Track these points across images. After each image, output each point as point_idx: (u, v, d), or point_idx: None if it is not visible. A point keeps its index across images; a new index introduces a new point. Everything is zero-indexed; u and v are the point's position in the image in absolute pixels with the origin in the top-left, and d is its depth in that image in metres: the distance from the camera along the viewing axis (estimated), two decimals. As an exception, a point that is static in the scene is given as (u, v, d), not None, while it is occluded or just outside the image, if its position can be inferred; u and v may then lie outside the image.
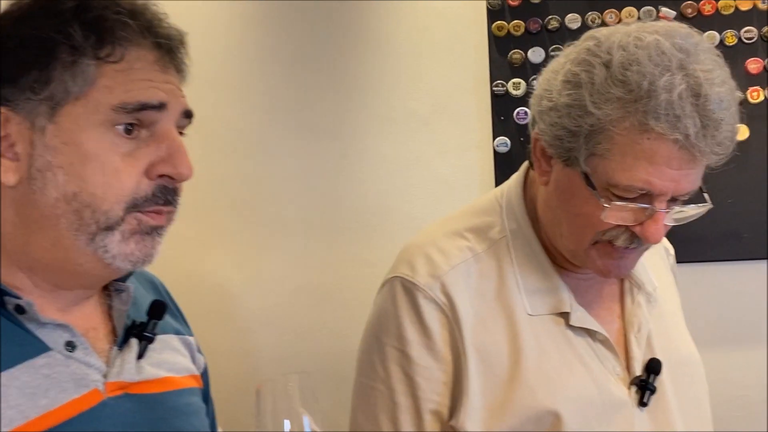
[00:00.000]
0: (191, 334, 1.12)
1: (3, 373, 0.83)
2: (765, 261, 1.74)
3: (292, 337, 1.89)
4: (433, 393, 1.11)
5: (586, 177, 1.04)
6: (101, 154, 0.86)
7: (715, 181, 1.70)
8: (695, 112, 0.97)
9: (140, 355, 0.96)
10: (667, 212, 1.03)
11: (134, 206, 0.88)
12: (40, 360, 0.86)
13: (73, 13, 0.87)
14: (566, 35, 1.77)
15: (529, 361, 1.11)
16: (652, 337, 1.18)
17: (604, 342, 1.14)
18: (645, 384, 1.13)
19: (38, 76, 0.85)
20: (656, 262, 1.27)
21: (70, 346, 0.89)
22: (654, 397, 1.13)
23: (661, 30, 1.02)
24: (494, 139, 1.80)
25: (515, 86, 1.79)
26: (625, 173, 1.01)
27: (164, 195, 0.90)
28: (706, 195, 1.10)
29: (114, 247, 0.88)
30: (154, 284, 1.12)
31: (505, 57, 1.80)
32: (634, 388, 1.13)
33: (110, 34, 0.87)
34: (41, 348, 0.87)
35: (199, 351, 1.14)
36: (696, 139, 0.98)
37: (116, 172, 0.86)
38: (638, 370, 1.14)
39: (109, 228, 0.87)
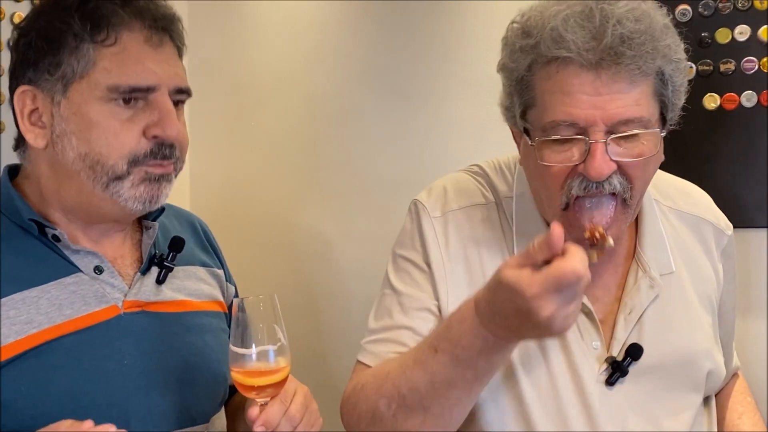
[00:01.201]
0: (220, 268, 1.31)
1: (37, 288, 1.06)
2: (765, 229, 1.66)
3: (379, 285, 2.04)
4: (429, 295, 1.18)
5: (526, 131, 1.08)
6: (102, 122, 1.07)
7: (720, 152, 1.65)
8: (585, 30, 0.99)
9: (160, 281, 1.17)
10: (606, 142, 1.02)
11: (135, 161, 1.08)
12: (70, 279, 1.09)
13: (75, 6, 1.09)
14: None
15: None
16: (645, 322, 1.15)
17: (588, 315, 1.13)
18: (618, 366, 1.12)
19: (52, 60, 1.07)
20: (691, 244, 1.22)
21: (98, 269, 1.11)
22: (627, 380, 1.12)
23: None
24: None
25: None
26: (548, 112, 1.04)
27: (161, 151, 1.09)
28: (657, 129, 1.07)
29: (125, 192, 1.08)
30: (192, 224, 1.32)
31: None
32: (605, 365, 1.12)
33: (105, 21, 1.07)
34: (72, 270, 1.10)
35: (229, 281, 1.33)
36: (592, 55, 0.99)
37: (116, 135, 1.07)
38: (617, 350, 1.13)
39: (118, 178, 1.08)
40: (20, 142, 1.14)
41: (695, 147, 1.69)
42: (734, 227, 1.29)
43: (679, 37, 1.08)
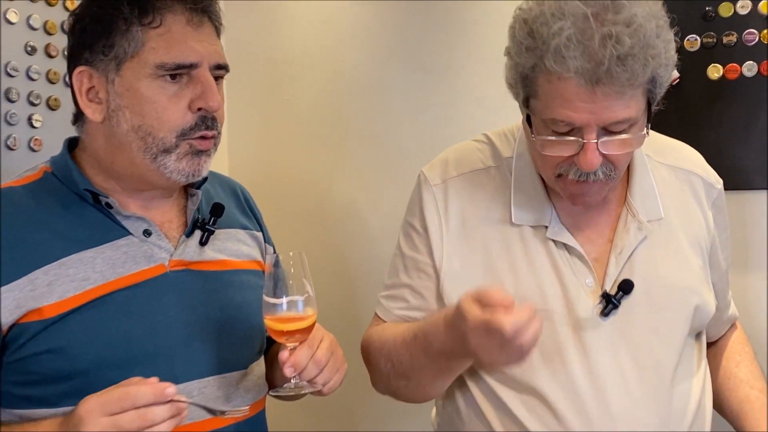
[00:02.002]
0: (259, 230, 1.44)
1: (92, 249, 1.20)
2: (765, 191, 1.74)
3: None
4: (427, 257, 1.34)
5: (528, 117, 1.20)
6: (152, 97, 1.19)
7: (723, 118, 1.73)
8: (585, 55, 1.08)
9: (203, 242, 1.30)
10: (597, 143, 1.14)
11: (183, 134, 1.21)
12: (122, 241, 1.23)
13: None
14: None
15: (505, 258, 1.29)
16: (636, 261, 1.27)
17: (581, 257, 1.27)
18: (610, 299, 1.24)
19: (105, 42, 1.20)
20: (681, 195, 1.34)
21: (147, 233, 1.25)
22: (620, 313, 1.24)
23: None
24: None
25: None
26: (548, 110, 1.15)
27: (204, 123, 1.22)
28: (645, 128, 1.17)
29: (171, 164, 1.21)
30: (234, 190, 1.45)
31: None
32: (599, 300, 1.25)
33: (150, 5, 1.20)
34: (124, 233, 1.23)
35: (268, 242, 1.46)
36: (591, 76, 1.09)
37: (165, 109, 1.19)
38: (609, 286, 1.25)
39: (166, 151, 1.21)
40: (78, 117, 1.27)
41: (699, 114, 1.79)
42: (736, 189, 1.42)
43: (670, 30, 1.17)
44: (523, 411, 1.25)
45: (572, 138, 1.15)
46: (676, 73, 1.78)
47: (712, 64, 1.77)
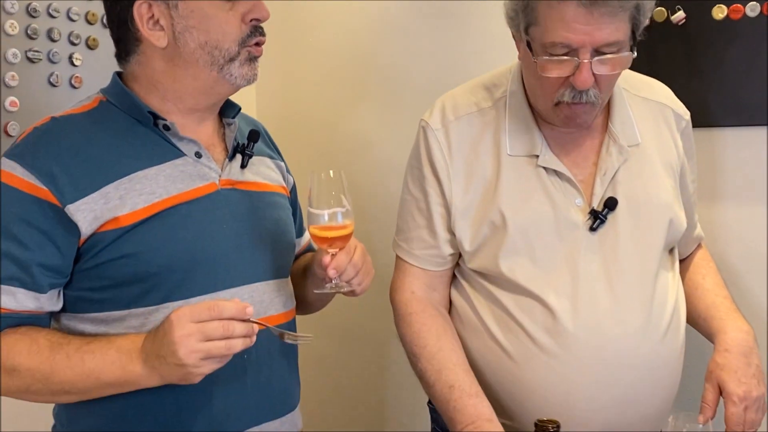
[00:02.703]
0: (282, 160, 1.57)
1: (155, 167, 1.31)
2: (765, 127, 1.82)
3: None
4: (438, 197, 1.50)
5: (528, 44, 1.34)
6: (215, 14, 1.31)
7: (726, 56, 1.83)
8: None
9: (243, 165, 1.42)
10: (591, 62, 1.30)
11: (242, 43, 1.33)
12: (179, 161, 1.35)
13: None
14: None
15: (502, 186, 1.44)
16: (618, 181, 1.43)
17: (569, 181, 1.42)
18: (597, 215, 1.40)
19: None
20: (654, 124, 1.50)
21: (198, 155, 1.36)
22: (606, 226, 1.40)
23: None
24: None
25: None
26: (548, 33, 1.30)
27: (257, 30, 1.35)
28: (631, 52, 1.34)
29: (235, 71, 1.34)
30: (257, 126, 1.57)
31: None
32: (588, 216, 1.41)
33: None
34: (180, 154, 1.35)
35: (288, 172, 1.58)
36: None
37: (226, 23, 1.31)
38: (596, 204, 1.42)
39: (231, 60, 1.33)
40: (127, 51, 1.36)
41: (705, 52, 1.87)
42: (738, 125, 1.55)
43: None
44: (518, 311, 1.42)
45: (569, 58, 1.30)
46: (682, 14, 1.89)
47: (717, 5, 1.84)
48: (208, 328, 1.14)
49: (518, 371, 1.43)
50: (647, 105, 1.52)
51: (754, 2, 1.81)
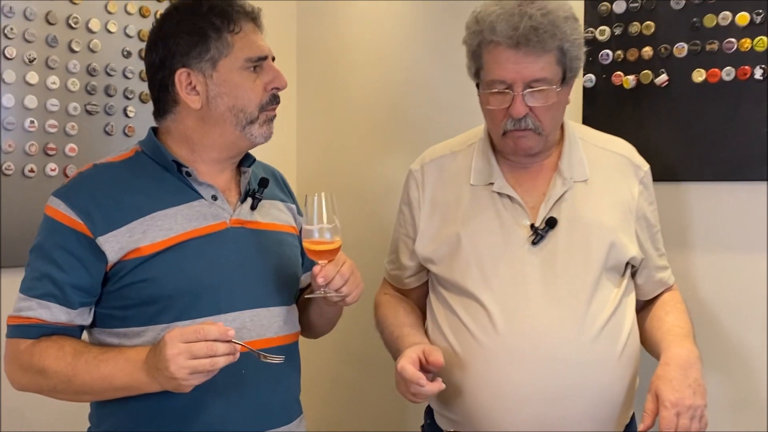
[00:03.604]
0: (293, 203, 1.79)
1: (174, 207, 1.54)
2: (765, 182, 1.94)
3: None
4: (408, 230, 1.80)
5: (477, 85, 1.64)
6: (243, 83, 1.56)
7: (706, 115, 1.98)
8: (507, 26, 1.54)
9: (253, 207, 1.65)
10: (522, 94, 1.57)
11: (262, 107, 1.58)
12: (196, 203, 1.58)
13: (210, 10, 1.56)
14: None
15: (459, 209, 1.70)
16: (562, 207, 1.65)
17: (519, 204, 1.66)
18: (538, 231, 1.63)
19: (201, 49, 1.54)
20: (607, 168, 1.71)
21: (214, 198, 1.60)
22: (546, 243, 1.63)
23: None
24: (583, 75, 2.14)
25: (601, 33, 2.10)
26: (489, 73, 1.61)
27: (275, 98, 1.60)
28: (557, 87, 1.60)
29: (255, 131, 1.58)
30: (273, 173, 1.79)
31: (596, 8, 2.11)
32: (531, 233, 1.63)
33: (232, 17, 1.56)
34: (197, 197, 1.58)
35: (299, 214, 1.80)
36: (512, 40, 1.54)
37: (251, 91, 1.56)
38: (539, 223, 1.64)
39: (252, 122, 1.57)
40: (165, 110, 1.60)
41: (686, 111, 2.03)
42: (719, 180, 1.91)
43: (578, 23, 1.62)
44: (465, 314, 1.64)
45: (506, 92, 1.59)
46: (665, 77, 2.06)
47: (697, 69, 2.01)
48: (195, 348, 1.35)
49: (463, 367, 1.64)
50: (603, 153, 1.73)
51: (729, 67, 1.98)
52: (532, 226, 1.64)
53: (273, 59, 1.62)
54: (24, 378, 1.51)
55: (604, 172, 1.71)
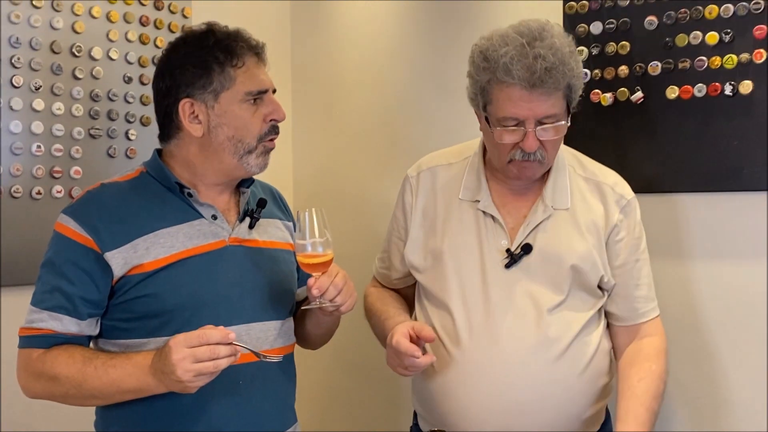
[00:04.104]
0: (290, 221, 1.86)
1: (176, 226, 1.64)
2: (765, 192, 2.00)
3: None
4: (400, 233, 1.89)
5: (486, 119, 1.68)
6: (243, 115, 1.65)
7: (679, 130, 2.08)
8: (523, 69, 1.58)
9: (251, 226, 1.74)
10: (535, 131, 1.63)
11: (260, 138, 1.67)
12: (196, 222, 1.67)
13: (215, 44, 1.65)
14: (619, 12, 2.16)
15: (447, 223, 1.79)
16: (539, 232, 1.73)
17: (500, 225, 1.75)
18: (513, 255, 1.72)
19: (205, 81, 1.64)
20: (588, 196, 1.79)
21: (214, 217, 1.69)
22: (518, 267, 1.72)
23: (516, 24, 1.63)
24: None
25: (579, 53, 2.14)
26: (501, 110, 1.64)
27: (274, 129, 1.69)
28: (566, 121, 1.67)
29: (252, 161, 1.67)
30: (272, 191, 1.88)
31: (574, 29, 2.19)
32: (506, 256, 1.73)
33: (236, 52, 1.65)
34: (198, 216, 1.67)
35: (296, 230, 1.89)
36: (528, 82, 1.58)
37: (251, 123, 1.65)
38: (515, 247, 1.73)
39: (249, 152, 1.66)
40: (169, 135, 1.70)
41: (661, 125, 2.12)
42: (691, 191, 2.01)
43: (579, 56, 1.68)
44: (439, 325, 1.76)
45: (518, 128, 1.64)
46: (640, 94, 2.17)
47: (670, 86, 2.10)
48: (198, 352, 1.44)
49: (437, 375, 1.75)
50: (586, 182, 1.81)
51: (701, 84, 2.08)
52: (507, 250, 1.73)
53: (274, 91, 1.71)
54: (37, 385, 1.60)
55: (586, 200, 1.79)
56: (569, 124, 1.69)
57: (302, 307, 1.77)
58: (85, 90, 2.25)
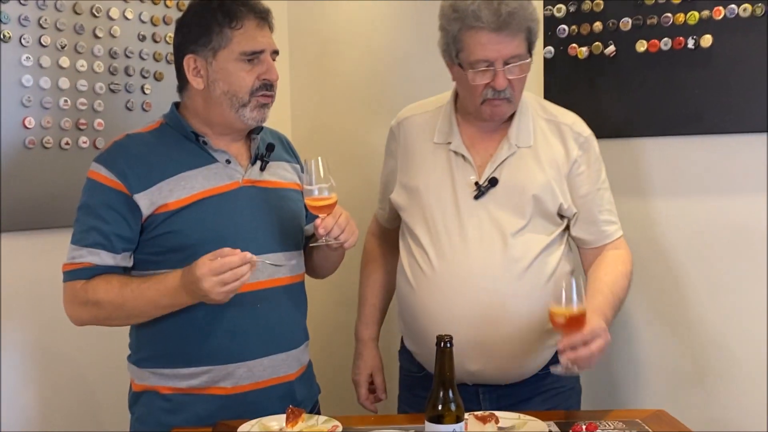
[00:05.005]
0: (298, 163, 2.07)
1: (195, 170, 1.84)
2: (723, 135, 2.23)
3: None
4: (387, 173, 2.14)
5: (460, 65, 1.90)
6: (236, 72, 1.83)
7: (646, 79, 2.27)
8: (490, 12, 1.81)
9: (262, 169, 1.95)
10: (503, 70, 1.85)
11: (253, 93, 1.84)
12: (213, 166, 1.88)
13: (218, 7, 1.84)
14: None
15: (423, 164, 2.02)
16: (504, 168, 1.95)
17: (469, 162, 1.97)
18: (480, 187, 1.94)
19: (206, 39, 1.83)
20: (549, 135, 2.00)
21: (228, 161, 1.90)
22: (487, 197, 1.94)
23: None
24: (544, 48, 2.42)
25: (558, 10, 2.38)
26: (472, 55, 1.86)
27: (266, 87, 1.86)
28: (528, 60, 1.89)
29: (247, 113, 1.86)
30: (280, 137, 2.08)
31: None
32: (475, 188, 1.94)
33: (235, 15, 1.83)
34: (214, 161, 1.88)
35: (303, 172, 2.11)
36: (493, 25, 1.81)
37: (243, 80, 1.83)
38: (483, 180, 1.95)
39: (243, 105, 1.85)
40: (182, 87, 1.90)
41: (631, 76, 2.34)
42: (658, 135, 2.22)
43: (533, 4, 1.90)
44: (418, 253, 2.01)
45: (489, 68, 1.86)
46: (613, 48, 2.37)
47: (639, 40, 2.30)
48: (225, 276, 1.63)
49: (415, 296, 1.99)
50: (548, 123, 2.03)
51: (667, 38, 2.28)
52: (476, 183, 1.96)
53: (276, 53, 1.89)
54: (84, 312, 1.82)
55: (547, 139, 2.00)
56: (529, 60, 1.90)
57: (310, 244, 1.98)
58: (104, 48, 2.42)
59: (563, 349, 1.68)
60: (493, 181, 1.96)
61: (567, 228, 2.04)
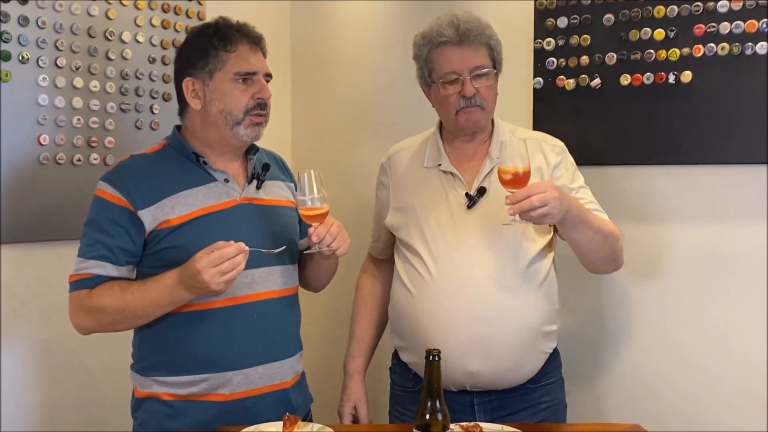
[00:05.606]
0: (292, 182, 2.17)
1: (195, 188, 1.94)
2: (700, 165, 2.33)
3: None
4: (380, 211, 2.24)
5: (433, 82, 2.06)
6: (231, 92, 1.94)
7: (628, 110, 2.38)
8: (451, 29, 2.02)
9: (258, 187, 2.05)
10: (470, 78, 2.02)
11: (247, 112, 1.95)
12: (212, 184, 1.98)
13: (214, 33, 1.96)
14: (582, 9, 2.46)
15: (416, 186, 2.15)
16: (491, 177, 2.06)
17: (459, 179, 2.10)
18: (471, 197, 2.07)
19: (203, 63, 1.94)
20: (530, 150, 2.03)
21: (226, 180, 2.00)
22: (478, 207, 2.06)
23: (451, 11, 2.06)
24: (534, 79, 2.54)
25: (547, 43, 2.50)
26: (441, 70, 2.05)
27: (260, 106, 1.97)
28: (496, 70, 2.08)
29: (242, 131, 1.96)
30: (275, 157, 2.19)
31: (543, 23, 2.51)
32: (466, 199, 2.07)
33: (230, 39, 1.95)
34: (213, 180, 1.99)
35: (297, 191, 2.21)
36: (455, 38, 2.01)
37: (238, 99, 1.94)
38: (472, 192, 2.07)
39: (238, 123, 1.95)
40: (182, 110, 2.01)
41: (615, 108, 2.44)
42: (639, 164, 2.33)
43: (494, 30, 2.09)
44: (416, 262, 2.11)
45: (457, 80, 2.04)
46: (598, 80, 2.48)
47: (623, 74, 2.41)
48: (222, 267, 1.74)
49: (415, 303, 2.10)
50: (524, 141, 2.11)
51: (649, 73, 2.39)
52: (467, 194, 2.09)
53: (269, 75, 2.01)
54: (88, 320, 1.92)
55: (523, 154, 2.10)
56: (495, 71, 2.08)
57: (304, 252, 2.08)
58: (116, 69, 2.54)
59: (509, 203, 1.84)
60: (481, 191, 2.08)
61: (556, 232, 2.15)
